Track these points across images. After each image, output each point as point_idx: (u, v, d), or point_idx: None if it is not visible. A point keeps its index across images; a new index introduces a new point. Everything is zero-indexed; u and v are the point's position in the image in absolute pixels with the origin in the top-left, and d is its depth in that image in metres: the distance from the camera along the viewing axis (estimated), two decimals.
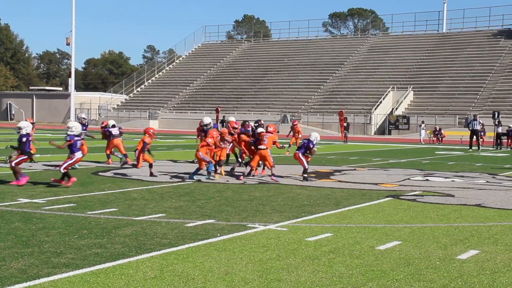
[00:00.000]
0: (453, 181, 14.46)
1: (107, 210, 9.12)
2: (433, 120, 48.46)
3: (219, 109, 49.68)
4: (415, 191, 12.28)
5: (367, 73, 63.54)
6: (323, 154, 23.85)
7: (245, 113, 57.56)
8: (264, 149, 13.90)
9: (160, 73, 76.24)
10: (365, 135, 50.84)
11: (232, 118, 17.47)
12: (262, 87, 65.85)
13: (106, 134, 17.10)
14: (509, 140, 33.71)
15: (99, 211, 8.98)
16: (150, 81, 74.72)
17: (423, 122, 42.77)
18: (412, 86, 56.89)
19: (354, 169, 17.41)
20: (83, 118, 17.34)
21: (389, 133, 50.86)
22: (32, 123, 15.59)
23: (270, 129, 14.48)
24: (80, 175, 13.90)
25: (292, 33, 79.24)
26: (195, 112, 61.17)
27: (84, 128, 16.74)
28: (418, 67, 62.48)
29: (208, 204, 9.99)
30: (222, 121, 39.51)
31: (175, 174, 14.84)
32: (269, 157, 14.00)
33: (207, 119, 16.77)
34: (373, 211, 9.55)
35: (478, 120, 30.91)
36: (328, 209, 9.69)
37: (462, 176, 15.66)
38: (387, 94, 56.18)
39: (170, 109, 64.98)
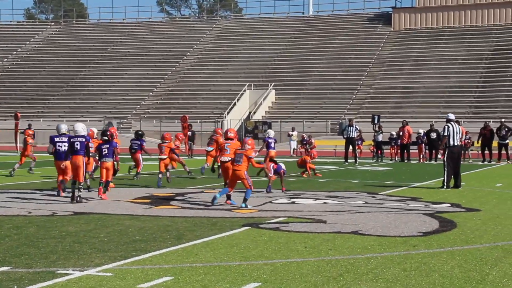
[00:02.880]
0: (325, 203, 15.07)
1: None
2: (300, 127, 50.51)
3: (19, 115, 47.83)
4: (279, 217, 12.61)
5: (217, 66, 64.70)
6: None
7: (54, 120, 55.99)
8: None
9: None
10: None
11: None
12: (78, 85, 64.49)
13: None
14: (393, 150, 36.00)
15: None
16: None
17: (293, 128, 44.29)
18: (273, 83, 58.85)
19: (202, 191, 17.55)
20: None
21: None
22: None
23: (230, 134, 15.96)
24: None
25: (116, 13, 78.84)
26: None
27: None
28: (280, 60, 64.79)
29: (1, 245, 9.57)
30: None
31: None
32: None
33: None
34: (225, 245, 9.67)
35: (354, 126, 32.69)
36: (167, 244, 9.70)
37: (336, 197, 16.39)
38: (242, 94, 57.59)
39: None
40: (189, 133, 39.28)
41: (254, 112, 55.66)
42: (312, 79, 60.38)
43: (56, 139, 16.29)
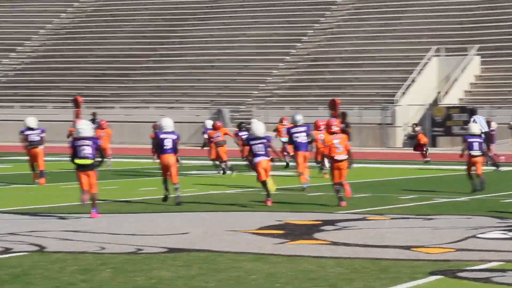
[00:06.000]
0: None
1: None
2: None
3: (80, 99, 49.34)
4: (490, 261, 12.36)
5: (383, 22, 64.22)
6: (296, 187, 23.90)
7: (136, 107, 57.31)
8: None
9: None
10: (384, 148, 51.25)
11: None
12: (169, 54, 65.65)
13: None
14: None
15: None
16: None
17: None
18: (477, 45, 57.63)
19: (364, 218, 17.59)
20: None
21: (433, 144, 51.34)
22: None
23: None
24: None
25: None
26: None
27: None
28: (490, 6, 63.35)
29: None
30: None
31: None
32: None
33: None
34: None
35: None
36: None
37: None
38: (426, 65, 56.83)
39: None
40: (343, 125, 39.16)
41: (446, 93, 54.84)
42: None
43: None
